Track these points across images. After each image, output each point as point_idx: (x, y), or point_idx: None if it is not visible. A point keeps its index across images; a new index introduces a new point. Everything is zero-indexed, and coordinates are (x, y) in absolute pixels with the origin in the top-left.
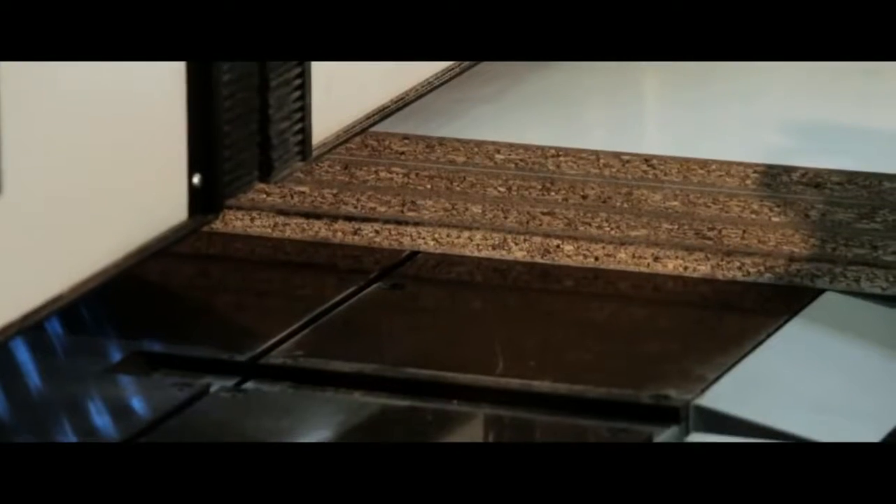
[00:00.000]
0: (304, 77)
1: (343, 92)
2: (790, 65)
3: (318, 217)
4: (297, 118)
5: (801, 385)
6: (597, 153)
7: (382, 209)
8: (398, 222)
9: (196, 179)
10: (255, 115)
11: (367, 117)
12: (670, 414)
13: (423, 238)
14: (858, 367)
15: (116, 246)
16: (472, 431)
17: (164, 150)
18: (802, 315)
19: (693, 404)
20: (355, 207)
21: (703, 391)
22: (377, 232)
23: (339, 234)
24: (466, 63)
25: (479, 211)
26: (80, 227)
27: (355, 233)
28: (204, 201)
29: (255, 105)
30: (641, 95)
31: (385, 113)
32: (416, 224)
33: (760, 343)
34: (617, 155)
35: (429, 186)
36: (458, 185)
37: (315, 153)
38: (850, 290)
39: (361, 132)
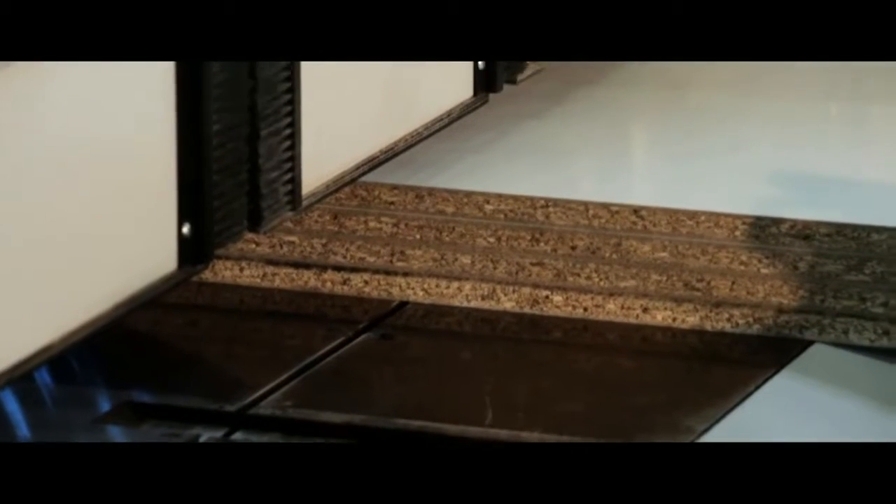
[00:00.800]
0: (294, 127)
1: (333, 142)
2: (779, 116)
3: (308, 267)
4: (287, 168)
5: (789, 436)
6: (586, 204)
7: (372, 259)
8: (387, 272)
9: (185, 229)
10: (244, 164)
11: (357, 167)
12: None
13: (413, 288)
14: (847, 419)
15: (106, 296)
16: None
17: (153, 200)
18: (791, 367)
19: None
20: (345, 257)
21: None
22: (366, 282)
23: (329, 283)
24: (456, 114)
25: (469, 261)
26: (69, 277)
27: (344, 283)
28: (193, 251)
29: (244, 155)
30: (630, 146)
31: (374, 163)
32: (406, 274)
33: (749, 395)
34: (606, 206)
35: (418, 236)
36: (447, 236)
37: (305, 203)
38: (839, 342)
39: (351, 182)
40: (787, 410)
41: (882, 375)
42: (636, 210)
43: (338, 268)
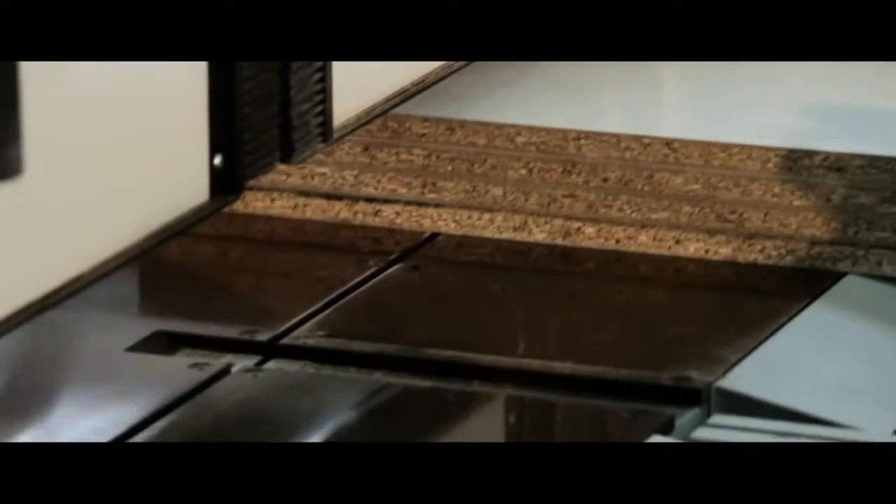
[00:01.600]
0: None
1: (364, 74)
2: None
3: (339, 198)
4: (319, 100)
5: (822, 367)
6: (618, 136)
7: (403, 191)
8: (419, 204)
9: (217, 160)
10: (276, 96)
11: (388, 99)
12: (692, 395)
13: (444, 220)
14: (880, 350)
15: (138, 226)
16: (492, 412)
17: (185, 132)
18: (824, 298)
19: (714, 386)
20: (376, 189)
21: (724, 373)
22: (398, 213)
23: (360, 215)
24: None
25: (500, 193)
26: (100, 208)
27: (376, 214)
28: (225, 182)
29: (276, 87)
30: (662, 78)
31: (406, 95)
32: (437, 206)
33: (782, 326)
34: (638, 138)
35: (449, 168)
36: (478, 168)
37: (336, 135)
38: (872, 274)
39: (382, 114)
40: (819, 342)
41: None
42: (668, 142)
43: (369, 199)
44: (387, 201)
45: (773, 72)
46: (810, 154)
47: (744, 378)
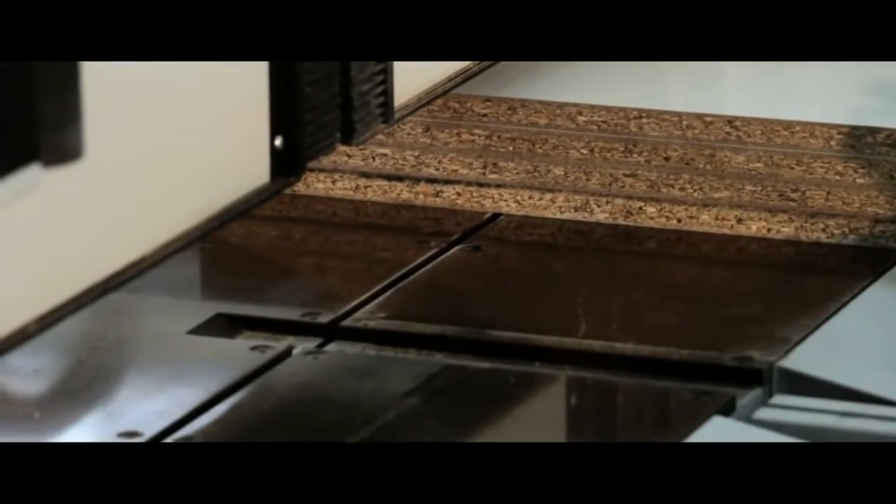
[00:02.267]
0: None
1: None
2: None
3: (400, 179)
4: (379, 80)
5: (884, 347)
6: (679, 115)
7: (464, 171)
8: (480, 184)
9: (278, 142)
10: (337, 77)
11: (449, 79)
12: (754, 376)
13: (505, 200)
14: None
15: (199, 208)
16: (554, 393)
17: (246, 113)
18: (887, 277)
19: (776, 366)
20: (437, 169)
21: (786, 353)
22: (459, 194)
23: (421, 196)
24: None
25: (562, 173)
26: (162, 190)
27: (437, 195)
28: (286, 164)
29: (336, 68)
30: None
31: (467, 75)
32: (498, 186)
33: (844, 305)
34: (700, 116)
35: (510, 148)
36: (539, 147)
37: (397, 115)
38: None
39: (443, 94)
40: (882, 321)
41: None
42: (730, 120)
43: (430, 180)
44: (448, 182)
45: None
46: (873, 131)
47: (806, 358)
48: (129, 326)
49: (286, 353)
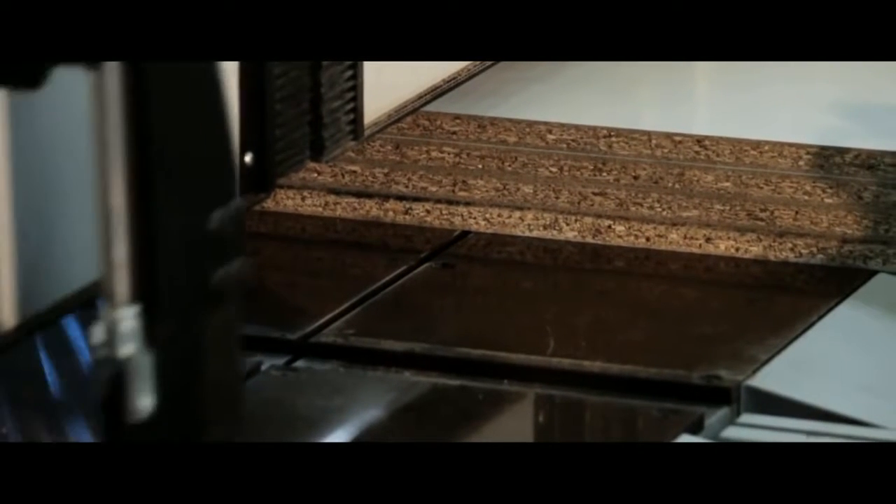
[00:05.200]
0: None
1: (395, 72)
2: None
3: (370, 196)
4: (349, 98)
5: (852, 367)
6: (649, 134)
7: (433, 188)
8: (449, 202)
9: (248, 158)
10: (307, 94)
11: (419, 97)
12: (721, 395)
13: (475, 217)
14: None
15: None
16: (523, 411)
17: None
18: (855, 297)
19: (744, 385)
20: (406, 187)
21: (754, 372)
22: (428, 211)
23: (391, 213)
24: None
25: (531, 191)
26: None
27: (406, 212)
28: (255, 180)
29: (307, 85)
30: (693, 76)
31: (437, 93)
32: (468, 204)
33: (812, 325)
34: (669, 135)
35: (480, 166)
36: (509, 165)
37: (367, 132)
38: None
39: (413, 112)
40: (849, 340)
41: None
42: (699, 140)
43: (400, 197)
44: (417, 199)
45: (804, 69)
46: (841, 151)
47: (773, 377)
48: None
49: (255, 370)
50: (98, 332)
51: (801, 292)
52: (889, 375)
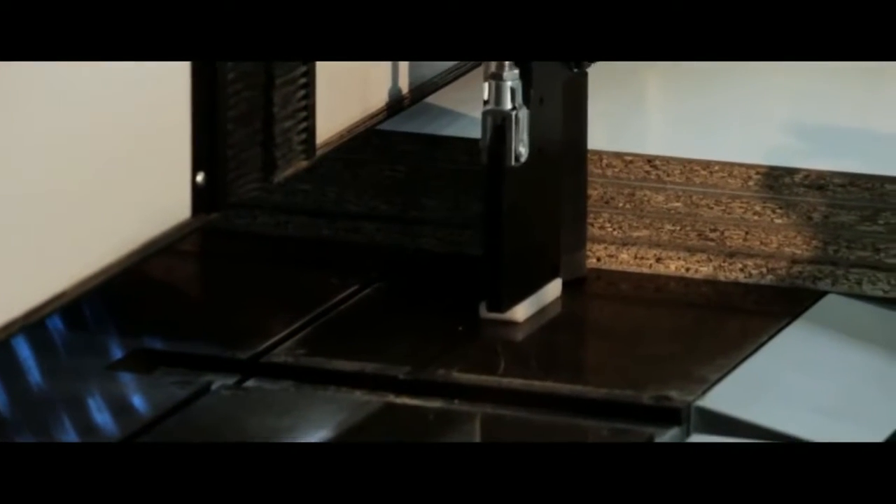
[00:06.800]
0: (310, 75)
1: (347, 91)
2: (792, 67)
3: (321, 215)
4: (302, 117)
5: (802, 387)
6: (599, 153)
7: (385, 207)
8: (401, 221)
9: (199, 178)
10: (259, 113)
11: (371, 116)
12: (671, 415)
13: (426, 237)
14: (860, 370)
15: (119, 243)
16: (473, 431)
17: (168, 149)
18: (804, 317)
19: (694, 405)
20: (357, 206)
21: (704, 393)
22: (379, 230)
23: (342, 232)
24: (471, 63)
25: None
26: (82, 224)
27: (357, 231)
28: (207, 199)
29: (259, 103)
30: (644, 96)
31: (389, 112)
32: (420, 223)
33: (762, 345)
34: (619, 155)
35: (432, 185)
36: (461, 184)
37: (319, 152)
38: (853, 293)
39: (365, 131)
40: (799, 361)
41: (895, 326)
42: (650, 160)
43: (351, 216)
44: (368, 218)
45: (754, 89)
46: (791, 172)
47: (723, 398)
48: (46, 361)
49: (205, 389)
50: (486, 89)
51: (750, 313)
52: (838, 396)
